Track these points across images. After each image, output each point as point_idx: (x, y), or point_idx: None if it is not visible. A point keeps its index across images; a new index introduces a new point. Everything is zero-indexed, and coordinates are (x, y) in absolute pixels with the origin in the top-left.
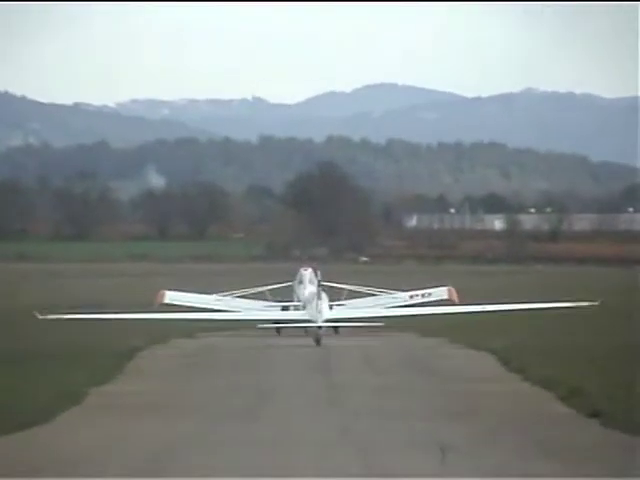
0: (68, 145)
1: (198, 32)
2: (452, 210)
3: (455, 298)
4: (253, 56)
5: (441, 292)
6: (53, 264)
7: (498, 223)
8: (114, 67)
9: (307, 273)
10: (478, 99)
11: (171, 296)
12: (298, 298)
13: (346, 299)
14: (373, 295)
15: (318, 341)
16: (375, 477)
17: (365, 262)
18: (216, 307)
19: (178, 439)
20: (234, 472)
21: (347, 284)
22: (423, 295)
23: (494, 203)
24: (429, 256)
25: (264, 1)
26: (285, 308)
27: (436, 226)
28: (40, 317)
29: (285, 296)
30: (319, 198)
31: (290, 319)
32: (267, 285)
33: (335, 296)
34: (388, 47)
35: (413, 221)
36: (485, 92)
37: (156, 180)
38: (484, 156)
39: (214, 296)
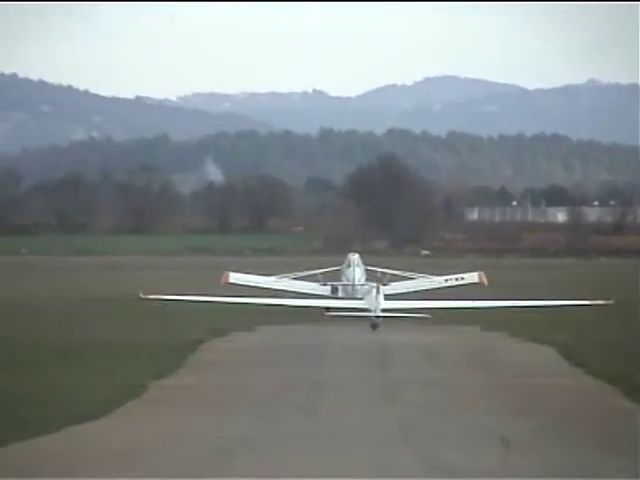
0: (130, 139)
1: (259, 25)
2: (514, 203)
3: (484, 281)
4: (314, 49)
5: (472, 277)
6: (115, 257)
7: (561, 216)
8: (176, 61)
9: (355, 257)
10: (540, 91)
11: (235, 277)
12: (347, 279)
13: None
14: (412, 279)
15: (374, 326)
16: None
17: (426, 255)
18: (274, 286)
19: (238, 434)
20: (293, 468)
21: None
22: (457, 279)
23: (556, 195)
24: (490, 249)
25: None
26: (334, 288)
27: (498, 219)
28: (142, 296)
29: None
30: (379, 191)
31: (351, 307)
32: (320, 269)
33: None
34: (449, 40)
35: (474, 214)
36: (547, 84)
37: (214, 173)
38: (546, 148)
39: (273, 277)
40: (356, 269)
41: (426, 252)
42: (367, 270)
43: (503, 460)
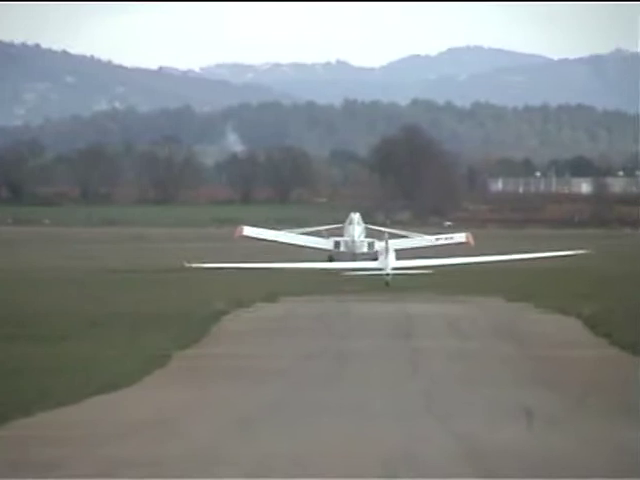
0: (153, 109)
1: None
2: (538, 174)
3: (471, 241)
4: (337, 20)
5: (461, 237)
6: (138, 228)
7: (585, 186)
8: (199, 32)
9: (356, 216)
10: (565, 61)
11: (248, 230)
12: (348, 235)
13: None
14: (408, 237)
15: (387, 283)
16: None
17: (449, 226)
18: (283, 239)
19: (262, 403)
20: (316, 437)
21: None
22: (446, 238)
23: (581, 166)
24: (514, 220)
25: None
26: (337, 243)
27: (522, 190)
28: (186, 265)
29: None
30: (403, 162)
31: (366, 267)
32: (325, 225)
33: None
34: (473, 9)
35: (498, 185)
36: (573, 54)
37: (236, 144)
38: (571, 119)
39: (283, 232)
40: (356, 226)
41: (449, 223)
42: (367, 228)
43: (528, 430)
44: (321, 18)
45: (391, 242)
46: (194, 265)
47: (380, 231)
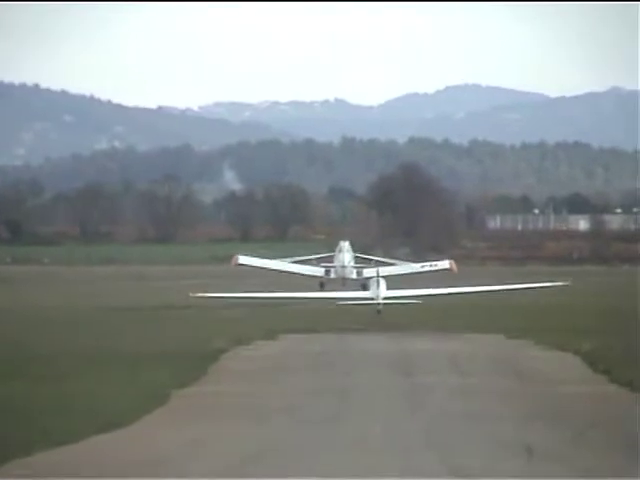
0: (152, 148)
1: (279, 35)
2: (536, 210)
3: (454, 268)
4: (334, 58)
5: (444, 264)
6: (138, 266)
7: (583, 223)
8: (197, 70)
9: (345, 244)
10: (562, 99)
11: (243, 259)
12: (338, 261)
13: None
14: (395, 265)
15: (379, 312)
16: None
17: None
18: (276, 267)
19: (262, 442)
20: (318, 475)
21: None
22: (431, 265)
23: (579, 203)
24: (513, 257)
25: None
26: (327, 270)
27: (520, 227)
28: (191, 295)
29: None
30: (401, 199)
31: (356, 297)
32: (316, 254)
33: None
34: (470, 48)
35: (497, 222)
36: (569, 92)
37: (233, 182)
38: (568, 156)
39: (275, 260)
40: (345, 254)
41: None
42: (355, 256)
43: (527, 467)
44: (319, 56)
45: (381, 269)
46: (198, 295)
47: (368, 259)
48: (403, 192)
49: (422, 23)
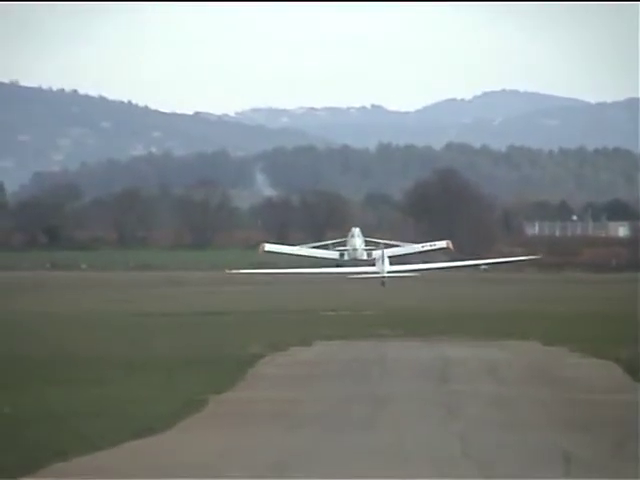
0: (189, 154)
1: (315, 40)
2: (574, 217)
3: (451, 247)
4: (372, 63)
5: (441, 244)
6: (174, 272)
7: (622, 230)
8: (235, 76)
9: (357, 230)
10: (602, 104)
11: (268, 247)
12: (351, 245)
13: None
14: (399, 246)
15: (383, 283)
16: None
17: (485, 270)
18: (298, 252)
19: (299, 448)
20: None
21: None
22: (430, 245)
23: (618, 210)
24: (550, 263)
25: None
26: (341, 253)
27: (558, 233)
28: (226, 272)
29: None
30: (438, 205)
31: (365, 271)
32: (332, 239)
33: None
34: (508, 53)
35: (534, 228)
36: (610, 97)
37: (269, 188)
38: (608, 162)
39: (297, 247)
40: (357, 238)
41: (485, 266)
42: (366, 240)
43: (565, 475)
44: (356, 62)
45: (387, 250)
46: (233, 271)
47: (377, 242)
48: (440, 198)
49: (459, 28)
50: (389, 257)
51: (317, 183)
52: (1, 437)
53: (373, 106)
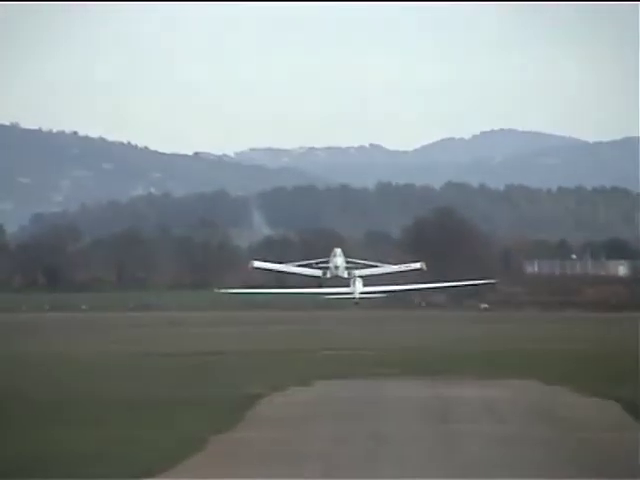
0: (188, 194)
1: (315, 81)
2: (573, 256)
3: (424, 267)
4: (370, 104)
5: (416, 265)
6: (175, 312)
7: (622, 269)
8: (233, 117)
9: (338, 250)
10: (600, 144)
11: (257, 264)
12: (333, 264)
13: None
14: (377, 267)
15: (356, 304)
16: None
17: (485, 309)
18: (284, 270)
19: None
20: None
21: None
22: (406, 266)
23: (617, 248)
24: (551, 302)
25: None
26: (324, 272)
27: (557, 272)
28: (215, 291)
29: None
30: (437, 243)
31: (339, 292)
32: (314, 259)
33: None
34: (505, 93)
35: (534, 267)
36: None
37: (268, 228)
38: (606, 201)
39: (283, 264)
40: (338, 258)
41: (485, 305)
42: (347, 260)
43: None
44: (354, 103)
45: (366, 270)
46: (222, 291)
47: (356, 262)
48: (438, 236)
49: (457, 68)
50: (366, 276)
51: (317, 222)
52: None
53: (372, 145)
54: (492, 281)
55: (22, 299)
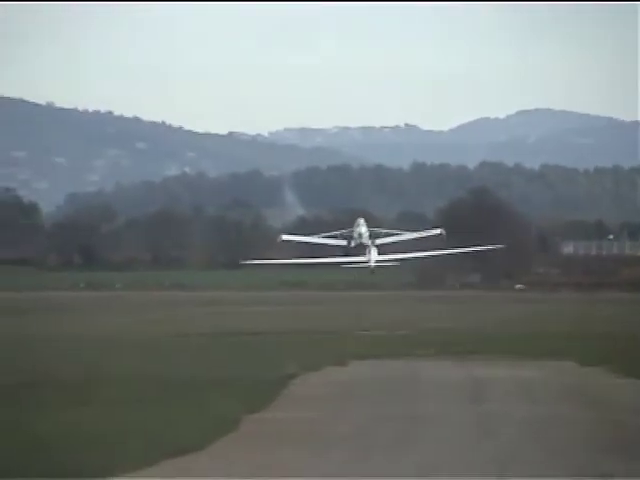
0: (222, 174)
1: (352, 61)
2: (610, 236)
3: (444, 233)
4: (406, 83)
5: (436, 231)
6: (208, 292)
7: None
8: (268, 97)
9: (361, 220)
10: (636, 123)
11: (285, 237)
12: (357, 233)
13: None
14: (397, 235)
15: (372, 272)
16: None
17: (520, 289)
18: (311, 241)
19: (332, 469)
20: None
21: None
22: (427, 233)
23: None
24: (586, 283)
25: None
26: (349, 240)
27: (594, 252)
28: (241, 262)
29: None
30: (472, 224)
31: (355, 261)
32: (339, 230)
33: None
34: (542, 72)
35: (570, 247)
36: None
37: (302, 208)
38: None
39: (310, 237)
40: (362, 227)
41: (520, 286)
42: (369, 230)
43: None
44: (390, 82)
45: (388, 238)
46: (247, 262)
47: (379, 231)
48: (473, 217)
49: (493, 49)
50: (386, 244)
51: (350, 202)
52: (40, 458)
53: (407, 125)
54: (499, 246)
55: (57, 277)
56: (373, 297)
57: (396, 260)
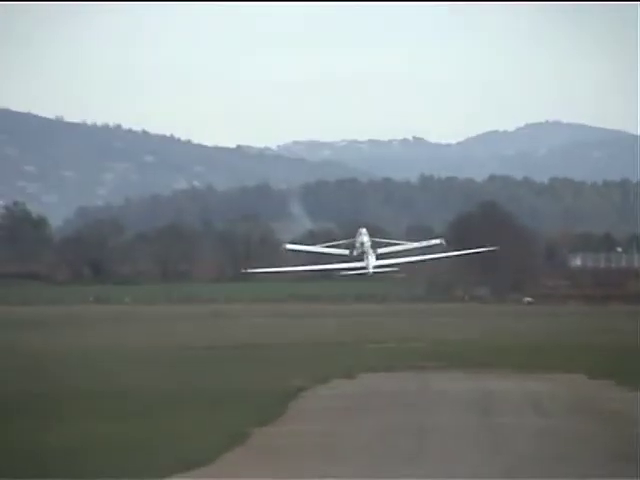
0: (231, 187)
1: (358, 74)
2: (619, 249)
3: (444, 243)
4: (414, 96)
5: (436, 241)
6: (217, 305)
7: None
8: (276, 110)
9: (363, 230)
10: None
11: (290, 246)
12: (359, 242)
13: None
14: (398, 244)
15: (371, 277)
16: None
17: (529, 303)
18: (313, 250)
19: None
20: None
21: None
22: (427, 243)
23: None
24: (595, 296)
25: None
26: (351, 250)
27: (602, 265)
28: (242, 271)
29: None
30: (480, 237)
31: (353, 267)
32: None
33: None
34: (551, 84)
35: (578, 260)
36: None
37: (310, 221)
38: None
39: (313, 246)
40: (364, 237)
41: (529, 299)
42: (371, 239)
43: None
44: (398, 95)
45: (390, 248)
46: (249, 271)
47: (380, 241)
48: (482, 230)
49: (502, 61)
50: (387, 253)
51: (359, 216)
52: (54, 469)
53: (415, 138)
54: (493, 248)
55: (66, 291)
56: (381, 310)
57: (394, 265)
